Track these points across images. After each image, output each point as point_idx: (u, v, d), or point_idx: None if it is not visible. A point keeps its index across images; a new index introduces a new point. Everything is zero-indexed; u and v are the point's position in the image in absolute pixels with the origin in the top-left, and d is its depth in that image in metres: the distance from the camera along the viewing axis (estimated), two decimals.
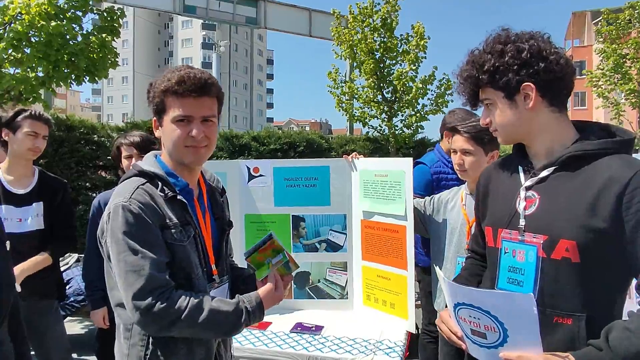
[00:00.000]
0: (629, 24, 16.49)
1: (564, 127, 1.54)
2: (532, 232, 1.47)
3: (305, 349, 2.63)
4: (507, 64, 1.46)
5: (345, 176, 3.19)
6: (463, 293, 1.42)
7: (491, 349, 1.41)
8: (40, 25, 6.34)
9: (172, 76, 1.62)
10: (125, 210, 1.54)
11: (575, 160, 1.46)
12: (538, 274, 1.45)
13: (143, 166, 1.69)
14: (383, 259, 3.01)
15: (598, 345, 1.31)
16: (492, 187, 1.73)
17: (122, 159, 3.17)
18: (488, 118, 1.59)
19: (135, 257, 1.51)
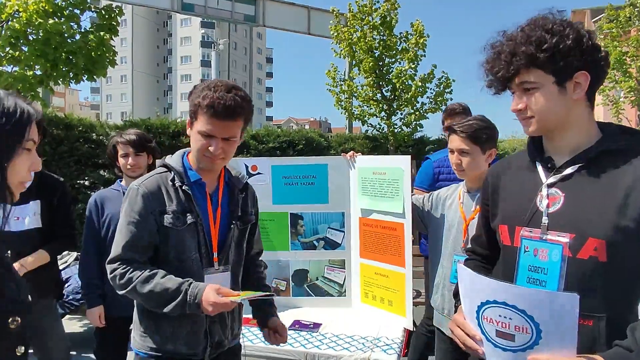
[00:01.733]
0: (629, 22, 16.49)
1: (592, 124, 1.49)
2: (557, 231, 1.43)
3: (303, 346, 2.65)
4: (569, 47, 1.37)
5: (343, 174, 3.20)
6: (496, 289, 1.34)
7: (517, 352, 1.33)
8: (38, 23, 6.33)
9: (207, 95, 1.78)
10: (132, 192, 1.87)
11: (603, 159, 1.42)
12: (563, 274, 1.40)
13: (167, 160, 1.98)
14: (381, 257, 3.02)
15: (627, 346, 1.29)
16: (503, 185, 1.66)
17: (119, 158, 3.17)
18: (522, 103, 1.46)
19: (120, 234, 1.85)
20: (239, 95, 1.82)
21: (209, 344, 1.94)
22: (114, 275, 1.83)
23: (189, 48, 74.58)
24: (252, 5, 14.62)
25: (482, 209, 1.80)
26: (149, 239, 1.85)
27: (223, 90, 1.80)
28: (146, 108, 62.22)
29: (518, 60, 1.40)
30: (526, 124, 1.50)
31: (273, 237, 3.28)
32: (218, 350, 1.99)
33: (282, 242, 3.27)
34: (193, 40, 73.53)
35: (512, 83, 1.47)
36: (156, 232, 1.85)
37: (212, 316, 1.90)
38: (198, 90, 1.85)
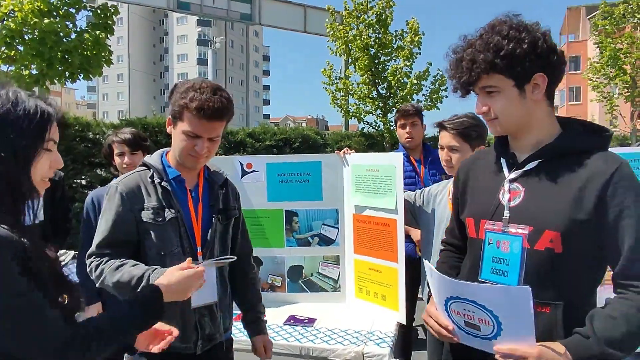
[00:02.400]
0: (623, 19, 16.58)
1: (553, 122, 1.57)
2: (517, 224, 1.49)
3: (297, 341, 2.69)
4: (525, 51, 1.43)
5: (337, 171, 3.24)
6: (457, 288, 1.42)
7: (485, 340, 1.43)
8: (33, 22, 6.35)
9: (195, 97, 1.81)
10: (112, 189, 1.92)
11: (560, 154, 1.50)
12: (523, 264, 1.48)
13: (146, 159, 2.03)
14: (374, 252, 3.06)
15: (585, 333, 1.35)
16: (472, 179, 1.74)
17: (115, 156, 3.20)
18: (486, 106, 1.54)
19: (98, 231, 1.90)
20: (225, 97, 1.87)
21: (200, 337, 1.97)
22: (90, 268, 1.87)
23: (186, 46, 74.37)
24: (248, 3, 14.62)
25: (453, 202, 1.87)
26: (124, 237, 1.88)
27: (209, 92, 1.83)
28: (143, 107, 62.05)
29: (478, 66, 1.47)
30: (491, 124, 1.57)
31: (268, 233, 3.32)
32: (210, 343, 2.02)
33: (277, 239, 3.32)
34: (189, 39, 73.31)
35: (474, 87, 1.54)
36: (135, 229, 1.88)
37: (202, 309, 1.96)
38: (181, 90, 1.87)
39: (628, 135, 17.23)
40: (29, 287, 1.15)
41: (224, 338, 2.12)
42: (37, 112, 1.23)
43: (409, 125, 3.77)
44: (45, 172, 1.30)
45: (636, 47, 16.11)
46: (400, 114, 3.86)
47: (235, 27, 71.05)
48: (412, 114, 3.78)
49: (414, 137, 3.76)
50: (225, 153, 9.16)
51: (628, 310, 1.35)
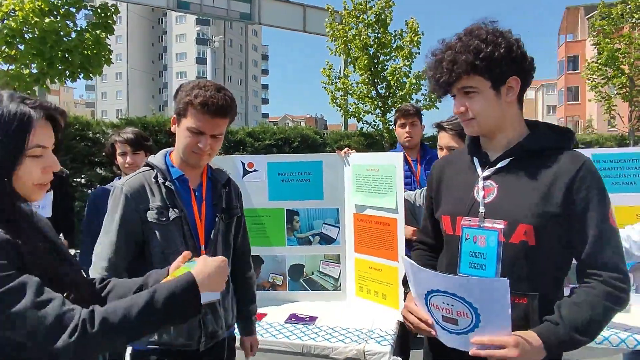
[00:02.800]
0: (622, 19, 16.62)
1: (522, 123, 1.67)
2: (492, 219, 1.58)
3: (299, 339, 2.71)
4: (502, 55, 1.52)
5: (338, 171, 3.26)
6: (438, 280, 1.47)
7: (461, 335, 1.47)
8: (34, 22, 6.36)
9: (199, 94, 1.85)
10: (117, 190, 1.93)
11: (530, 153, 1.59)
12: (500, 257, 1.56)
13: (150, 159, 2.04)
14: (375, 251, 3.09)
15: (554, 320, 1.45)
16: (445, 179, 1.81)
17: (117, 156, 3.22)
18: (464, 107, 1.61)
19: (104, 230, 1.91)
20: (228, 95, 1.91)
21: (203, 334, 1.99)
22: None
23: (184, 45, 74.26)
24: (248, 3, 14.64)
25: (427, 201, 1.92)
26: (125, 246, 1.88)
27: (213, 89, 1.88)
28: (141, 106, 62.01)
29: (459, 67, 1.54)
30: (468, 125, 1.65)
31: (269, 232, 3.34)
32: (213, 340, 2.05)
33: (278, 238, 3.34)
34: (188, 38, 73.23)
35: (453, 88, 1.61)
36: (140, 229, 1.90)
37: (205, 307, 1.95)
38: (187, 89, 1.91)
39: (626, 135, 17.28)
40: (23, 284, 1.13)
41: (227, 335, 2.15)
42: (14, 117, 1.17)
43: (409, 125, 3.80)
44: (38, 178, 1.24)
45: (634, 47, 16.16)
46: (400, 113, 3.88)
47: (234, 26, 70.98)
48: (413, 114, 3.81)
49: (413, 137, 3.79)
50: (225, 152, 9.18)
51: (592, 298, 1.46)
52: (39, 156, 1.22)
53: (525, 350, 1.40)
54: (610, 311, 1.47)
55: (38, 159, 1.23)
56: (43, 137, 1.23)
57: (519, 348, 1.39)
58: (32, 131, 1.19)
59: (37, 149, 1.21)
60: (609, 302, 1.45)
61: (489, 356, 1.42)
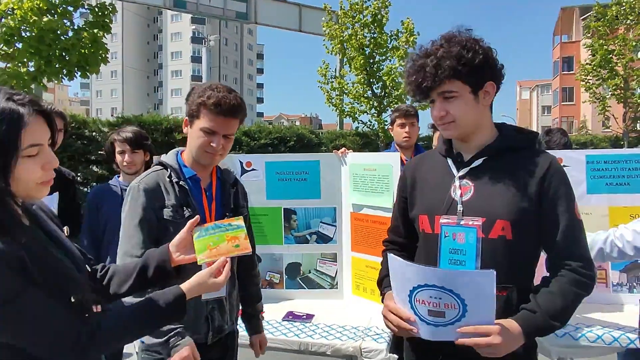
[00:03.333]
0: (616, 21, 16.73)
1: (492, 126, 1.77)
2: (470, 216, 1.65)
3: (296, 336, 2.74)
4: (481, 61, 1.61)
5: (335, 170, 3.29)
6: (429, 274, 1.51)
7: (447, 326, 1.52)
8: (32, 20, 6.36)
9: (212, 95, 1.93)
10: (134, 189, 1.97)
11: (502, 152, 1.69)
12: (479, 253, 1.62)
13: (162, 158, 2.10)
14: (371, 250, 3.11)
15: (531, 308, 1.56)
16: (419, 179, 1.86)
17: (116, 155, 3.24)
18: (444, 110, 1.66)
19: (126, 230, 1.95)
20: (239, 97, 2.00)
21: (210, 329, 2.07)
22: None
23: (180, 44, 74.09)
24: (244, 2, 14.66)
25: (398, 201, 1.97)
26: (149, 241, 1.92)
27: (225, 91, 1.96)
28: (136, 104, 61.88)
29: (443, 72, 1.61)
30: (447, 128, 1.71)
31: (267, 231, 3.36)
32: (219, 334, 2.13)
33: (275, 236, 3.36)
34: (184, 36, 73.05)
35: (433, 92, 1.67)
36: (156, 226, 1.95)
37: (212, 303, 2.06)
38: (199, 91, 1.97)
39: (621, 136, 17.40)
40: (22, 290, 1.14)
41: (230, 329, 2.22)
42: (3, 119, 1.11)
43: (409, 125, 3.84)
44: (39, 176, 1.21)
45: (628, 48, 16.28)
46: (400, 113, 3.92)
47: (230, 24, 70.78)
48: (413, 114, 3.85)
49: (411, 137, 3.84)
50: None
51: (564, 287, 1.58)
52: (35, 155, 1.18)
53: (507, 337, 1.48)
54: (579, 296, 1.59)
55: (35, 158, 1.19)
56: (37, 135, 1.18)
57: (502, 335, 1.47)
58: (24, 130, 1.14)
59: (32, 149, 1.17)
60: (578, 289, 1.58)
61: (474, 344, 1.49)
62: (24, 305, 1.14)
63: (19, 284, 1.13)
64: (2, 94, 1.16)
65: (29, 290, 1.15)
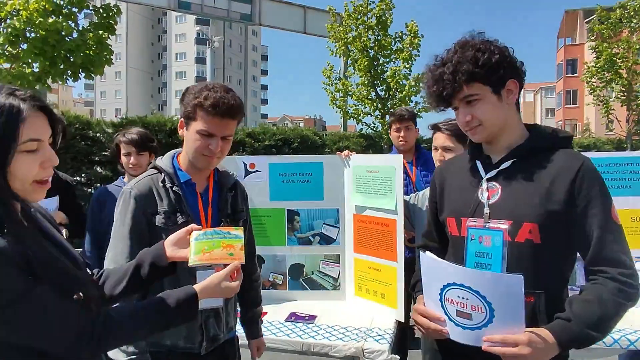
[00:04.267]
0: (620, 24, 16.71)
1: (522, 126, 1.73)
2: (497, 219, 1.62)
3: (299, 337, 2.75)
4: (498, 60, 1.60)
5: (338, 172, 3.31)
6: (457, 273, 1.50)
7: (475, 330, 1.49)
8: (38, 22, 6.40)
9: (208, 96, 1.84)
10: (126, 194, 1.91)
11: (532, 153, 1.65)
12: (505, 256, 1.59)
13: (157, 162, 2.03)
14: (374, 252, 3.13)
15: (566, 317, 1.47)
16: (448, 182, 1.86)
17: (121, 156, 3.25)
18: (469, 115, 1.65)
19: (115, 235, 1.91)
20: (236, 97, 1.92)
21: (205, 339, 2.00)
22: None
23: (184, 45, 74.24)
24: (249, 4, 14.69)
25: (430, 206, 1.98)
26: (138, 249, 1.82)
27: (222, 91, 1.87)
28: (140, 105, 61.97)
29: (460, 77, 1.60)
30: (475, 132, 1.69)
31: (270, 232, 3.38)
32: (214, 344, 2.05)
33: (278, 238, 3.38)
34: (188, 37, 73.22)
35: (455, 99, 1.66)
36: (147, 233, 1.88)
37: (207, 311, 1.98)
38: (194, 91, 1.89)
39: (624, 139, 17.36)
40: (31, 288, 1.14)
41: (229, 337, 2.15)
42: (2, 112, 1.12)
43: (403, 129, 3.87)
44: (37, 174, 1.19)
45: (632, 51, 16.25)
46: (395, 118, 3.95)
47: (234, 26, 70.93)
48: (407, 118, 3.88)
49: (408, 141, 3.86)
50: None
51: (601, 295, 1.48)
52: (34, 150, 1.17)
53: (537, 347, 1.42)
54: (621, 306, 1.49)
55: (34, 154, 1.17)
56: (36, 130, 1.17)
57: (532, 346, 1.41)
58: (23, 124, 1.13)
59: (31, 143, 1.15)
60: (619, 297, 1.47)
61: (501, 353, 1.44)
62: (34, 303, 1.14)
63: (27, 282, 1.13)
64: (5, 89, 1.16)
65: (37, 287, 1.15)
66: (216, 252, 1.61)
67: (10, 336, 1.17)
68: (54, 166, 1.24)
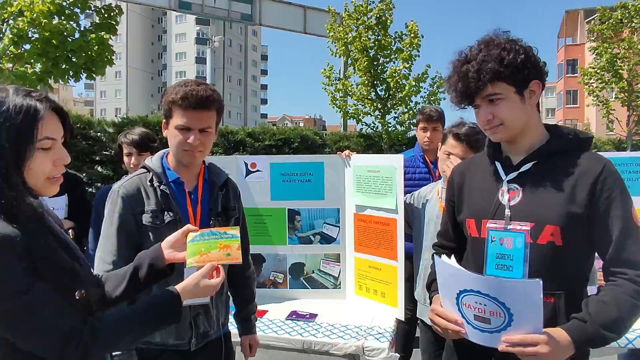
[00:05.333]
0: (621, 24, 16.71)
1: (542, 127, 1.73)
2: (518, 221, 1.62)
3: (300, 335, 2.78)
4: (523, 60, 1.60)
5: (339, 172, 3.33)
6: (474, 281, 1.50)
7: (493, 333, 1.51)
8: (42, 23, 6.42)
9: (179, 90, 1.88)
10: (114, 194, 1.95)
11: (553, 155, 1.65)
12: (527, 258, 1.59)
13: (146, 161, 2.05)
14: (374, 251, 3.15)
15: (582, 318, 1.49)
16: (467, 183, 1.86)
17: (124, 156, 3.27)
18: (490, 114, 1.65)
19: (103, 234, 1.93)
20: (210, 88, 1.93)
21: (194, 335, 2.01)
22: None
23: (184, 45, 74.22)
24: (249, 4, 14.71)
25: (447, 206, 1.98)
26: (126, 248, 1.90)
27: (193, 84, 1.91)
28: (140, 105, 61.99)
29: (485, 75, 1.60)
30: (495, 131, 1.68)
31: (271, 231, 3.41)
32: (205, 340, 2.06)
33: (279, 237, 3.40)
34: (188, 37, 73.19)
35: (477, 97, 1.66)
36: (136, 231, 1.91)
37: (196, 307, 1.99)
38: (169, 90, 1.94)
39: (624, 139, 17.38)
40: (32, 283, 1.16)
41: (221, 333, 2.15)
42: (20, 110, 1.18)
43: (430, 129, 3.79)
44: (50, 171, 1.25)
45: (633, 52, 16.25)
46: (423, 117, 3.86)
47: (234, 26, 70.92)
48: (435, 119, 3.80)
49: (433, 141, 3.74)
50: (225, 152, 9.24)
51: (618, 296, 1.49)
52: (48, 148, 1.23)
53: (555, 347, 1.43)
54: (637, 308, 1.50)
55: (48, 152, 1.23)
56: (51, 129, 1.23)
57: (550, 345, 1.43)
58: (40, 123, 1.20)
59: (46, 141, 1.22)
60: (636, 299, 1.48)
61: (520, 353, 1.45)
62: (31, 300, 1.15)
63: (27, 276, 1.15)
64: (21, 91, 1.22)
65: (37, 284, 1.16)
66: (213, 253, 1.62)
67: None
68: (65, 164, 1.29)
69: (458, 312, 1.59)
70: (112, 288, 1.55)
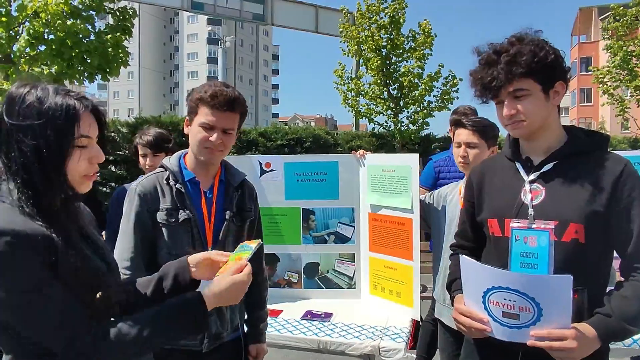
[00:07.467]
0: (636, 21, 16.47)
1: (560, 127, 1.76)
2: (542, 219, 1.65)
3: (315, 335, 2.78)
4: (552, 60, 1.63)
5: (353, 171, 3.32)
6: (503, 277, 1.53)
7: (522, 329, 1.54)
8: (57, 24, 6.48)
9: (208, 89, 1.94)
10: (132, 192, 1.99)
11: (574, 156, 1.69)
12: (552, 256, 1.63)
13: (164, 161, 2.10)
14: (389, 250, 3.14)
15: (606, 312, 1.54)
16: (487, 182, 1.87)
17: (139, 157, 3.29)
18: (514, 109, 1.66)
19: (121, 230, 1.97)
20: (237, 92, 1.99)
21: (206, 336, 1.99)
22: None
23: (196, 45, 74.62)
24: (261, 4, 14.74)
25: (466, 206, 1.99)
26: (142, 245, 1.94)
27: (222, 85, 1.97)
28: (153, 105, 62.43)
29: (516, 69, 1.61)
30: (516, 127, 1.70)
31: (285, 231, 3.41)
32: (217, 342, 2.04)
33: (294, 236, 3.41)
34: (200, 37, 73.55)
35: (503, 91, 1.66)
36: (151, 229, 1.95)
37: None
38: (197, 89, 2.00)
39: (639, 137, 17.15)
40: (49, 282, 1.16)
41: (233, 337, 2.13)
42: (61, 110, 1.21)
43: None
44: (85, 169, 1.28)
45: None
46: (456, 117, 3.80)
47: (245, 26, 71.11)
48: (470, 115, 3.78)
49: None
50: (238, 152, 9.28)
51: (639, 292, 1.56)
52: (84, 147, 1.26)
53: (582, 341, 1.48)
54: None
55: (84, 150, 1.26)
56: (88, 128, 1.27)
57: (578, 340, 1.47)
58: (78, 122, 1.23)
59: (83, 139, 1.25)
60: None
61: (548, 347, 1.49)
62: (40, 298, 1.16)
63: (43, 275, 1.15)
64: (60, 90, 1.25)
65: (52, 283, 1.17)
66: (229, 264, 1.60)
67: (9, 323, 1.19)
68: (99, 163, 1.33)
69: (484, 310, 1.61)
70: (136, 294, 1.55)
